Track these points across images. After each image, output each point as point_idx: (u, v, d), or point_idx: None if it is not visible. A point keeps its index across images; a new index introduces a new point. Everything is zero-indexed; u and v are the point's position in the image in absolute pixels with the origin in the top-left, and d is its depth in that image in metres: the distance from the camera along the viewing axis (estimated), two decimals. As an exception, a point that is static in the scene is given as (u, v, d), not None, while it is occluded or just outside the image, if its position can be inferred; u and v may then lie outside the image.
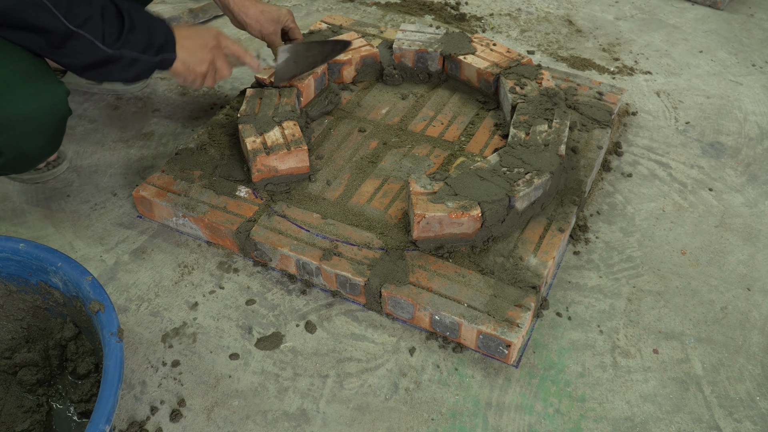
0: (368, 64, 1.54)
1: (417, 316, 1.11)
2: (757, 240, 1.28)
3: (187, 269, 1.23)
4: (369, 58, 1.54)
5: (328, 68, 1.50)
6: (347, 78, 1.54)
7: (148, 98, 1.63)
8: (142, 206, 1.31)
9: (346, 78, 1.54)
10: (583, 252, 1.26)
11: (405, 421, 1.01)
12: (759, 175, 1.42)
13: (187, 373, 1.07)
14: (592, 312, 1.16)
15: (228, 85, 1.67)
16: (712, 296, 1.19)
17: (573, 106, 1.46)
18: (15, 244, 0.98)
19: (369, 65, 1.55)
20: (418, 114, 1.48)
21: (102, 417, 0.79)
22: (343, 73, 1.53)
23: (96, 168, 1.44)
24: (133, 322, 1.14)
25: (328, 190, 1.29)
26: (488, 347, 1.07)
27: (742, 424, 1.00)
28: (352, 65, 1.52)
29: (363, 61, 1.53)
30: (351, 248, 1.17)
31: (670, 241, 1.28)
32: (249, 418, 1.01)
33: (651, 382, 1.06)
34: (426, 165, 1.35)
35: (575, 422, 1.01)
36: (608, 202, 1.36)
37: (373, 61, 1.55)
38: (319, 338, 1.11)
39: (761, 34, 1.89)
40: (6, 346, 1.03)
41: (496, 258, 1.15)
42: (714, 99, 1.64)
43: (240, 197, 1.26)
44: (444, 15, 1.97)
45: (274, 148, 1.25)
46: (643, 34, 1.88)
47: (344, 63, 1.51)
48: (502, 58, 1.50)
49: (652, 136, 1.52)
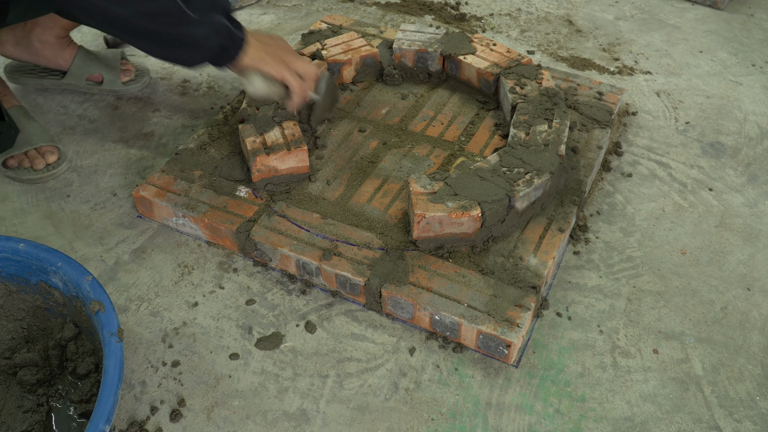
0: (368, 64, 1.54)
1: (417, 316, 1.11)
2: (757, 240, 1.28)
3: (187, 269, 1.23)
4: (369, 58, 1.54)
5: (329, 68, 1.50)
6: (347, 78, 1.54)
7: (148, 98, 1.63)
8: (142, 206, 1.31)
9: (345, 78, 1.54)
10: (583, 252, 1.26)
11: (405, 421, 1.01)
12: (759, 175, 1.42)
13: (187, 373, 1.07)
14: (592, 312, 1.16)
15: (228, 85, 1.67)
16: (712, 296, 1.19)
17: (573, 106, 1.46)
18: (15, 244, 0.98)
19: (369, 65, 1.55)
20: (418, 114, 1.48)
21: (102, 417, 0.79)
22: (343, 73, 1.53)
23: (96, 168, 1.44)
24: (133, 322, 1.14)
25: (328, 190, 1.29)
26: (488, 347, 1.07)
27: (742, 424, 1.00)
28: (352, 65, 1.53)
29: (363, 61, 1.53)
30: (351, 248, 1.17)
31: (670, 241, 1.28)
32: (249, 418, 1.01)
33: (651, 382, 1.06)
34: (426, 165, 1.35)
35: (575, 422, 1.01)
36: (608, 202, 1.36)
37: (373, 60, 1.55)
38: (319, 338, 1.11)
39: (761, 34, 1.89)
40: (6, 346, 1.04)
41: (496, 258, 1.15)
42: (714, 99, 1.64)
43: (240, 197, 1.27)
44: (444, 15, 1.97)
45: (274, 148, 1.25)
46: (643, 34, 1.88)
47: (344, 63, 1.51)
48: (502, 58, 1.50)
49: (652, 136, 1.52)
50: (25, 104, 1.55)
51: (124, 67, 1.62)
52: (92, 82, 1.60)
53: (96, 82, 1.60)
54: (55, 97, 1.61)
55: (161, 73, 1.70)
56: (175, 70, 1.71)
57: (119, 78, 1.60)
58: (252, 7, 1.99)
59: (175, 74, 1.71)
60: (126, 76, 1.61)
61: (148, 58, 1.68)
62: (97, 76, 1.59)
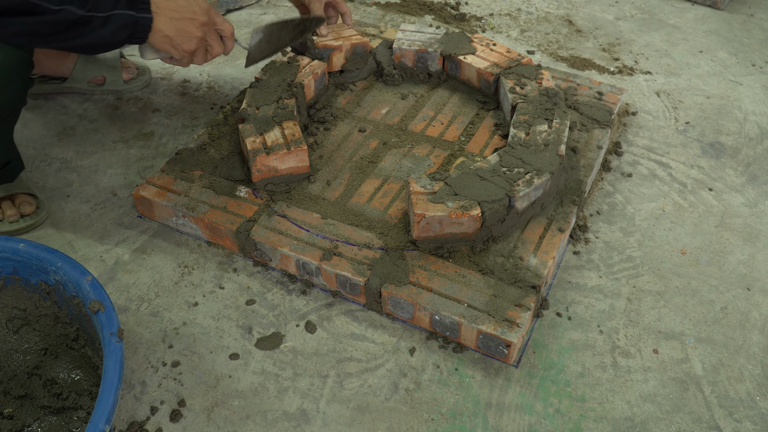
0: (358, 53, 1.53)
1: (417, 316, 1.11)
2: (757, 240, 1.28)
3: (187, 269, 1.23)
4: (359, 46, 1.53)
5: (320, 55, 1.49)
6: (336, 65, 1.53)
7: (148, 98, 1.63)
8: (142, 206, 1.31)
9: (335, 65, 1.53)
10: (583, 252, 1.26)
11: (405, 421, 1.01)
12: (759, 175, 1.42)
13: (187, 373, 1.07)
14: (592, 312, 1.16)
15: (228, 85, 1.67)
16: (712, 296, 1.19)
17: (573, 106, 1.46)
18: (15, 244, 0.98)
19: (359, 54, 1.54)
20: (418, 114, 1.48)
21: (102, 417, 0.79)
22: (332, 59, 1.51)
23: (96, 168, 1.44)
24: (133, 322, 1.14)
25: (328, 190, 1.29)
26: (488, 347, 1.07)
27: (742, 424, 1.00)
28: (342, 52, 1.51)
29: (353, 49, 1.53)
30: (351, 248, 1.17)
31: (670, 241, 1.28)
32: (249, 418, 1.01)
33: (651, 382, 1.06)
34: (426, 165, 1.35)
35: (575, 422, 1.01)
36: (608, 202, 1.36)
37: (362, 50, 1.54)
38: (319, 338, 1.11)
39: (761, 34, 1.89)
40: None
41: (496, 258, 1.15)
42: (714, 99, 1.64)
43: (240, 197, 1.27)
44: (444, 15, 1.97)
45: (274, 148, 1.25)
46: (643, 34, 1.88)
47: (334, 49, 1.50)
48: (502, 58, 1.50)
49: (652, 136, 1.52)
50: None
51: (124, 65, 1.62)
52: (94, 84, 1.60)
53: (98, 84, 1.60)
54: (55, 97, 1.61)
55: (161, 73, 1.71)
56: (175, 70, 1.72)
57: (121, 77, 1.60)
58: (252, 7, 1.99)
59: (175, 74, 1.71)
60: (128, 74, 1.62)
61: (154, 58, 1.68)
62: (98, 78, 1.59)
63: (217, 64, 1.74)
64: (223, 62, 1.75)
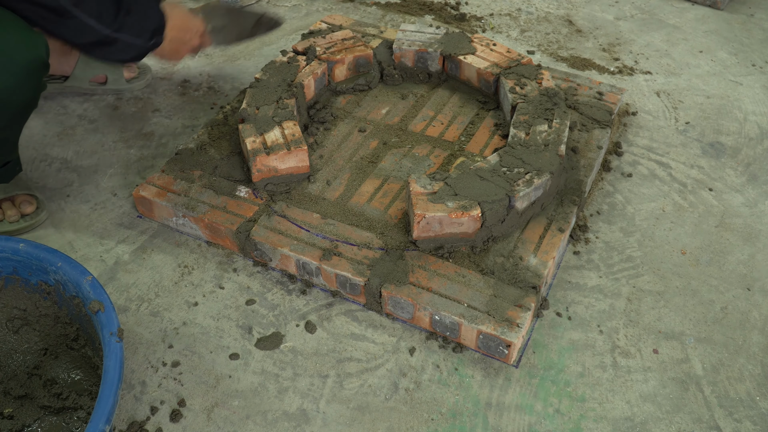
0: (361, 65, 1.53)
1: (417, 316, 1.11)
2: (757, 240, 1.28)
3: (187, 269, 1.23)
4: (362, 58, 1.52)
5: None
6: (339, 77, 1.52)
7: (148, 98, 1.63)
8: (142, 206, 1.31)
9: (338, 77, 1.52)
10: (583, 252, 1.26)
11: (405, 421, 1.01)
12: (759, 175, 1.42)
13: (187, 373, 1.07)
14: (592, 312, 1.16)
15: (228, 85, 1.67)
16: (712, 296, 1.19)
17: (573, 106, 1.46)
18: (15, 244, 0.98)
19: (362, 65, 1.53)
20: (418, 114, 1.48)
21: (102, 417, 0.79)
22: (335, 71, 1.51)
23: (96, 168, 1.44)
24: (133, 322, 1.14)
25: (328, 190, 1.29)
26: (488, 347, 1.07)
27: (742, 424, 1.00)
28: (344, 64, 1.51)
29: (356, 61, 1.52)
30: (351, 248, 1.17)
31: (670, 241, 1.28)
32: (249, 418, 1.01)
33: (651, 382, 1.06)
34: (426, 165, 1.35)
35: (575, 422, 1.01)
36: (608, 202, 1.36)
37: (366, 61, 1.53)
38: (319, 338, 1.11)
39: (761, 34, 1.89)
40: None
41: (496, 258, 1.15)
42: (714, 99, 1.64)
43: (240, 197, 1.26)
44: (444, 15, 1.97)
45: (274, 148, 1.25)
46: (643, 34, 1.88)
47: (336, 62, 1.50)
48: (502, 58, 1.50)
49: (652, 136, 1.52)
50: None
51: (126, 64, 1.62)
52: (95, 83, 1.60)
53: (99, 83, 1.60)
54: (56, 97, 1.61)
55: (161, 73, 1.70)
56: (175, 70, 1.72)
57: (123, 76, 1.60)
58: (252, 8, 1.99)
59: (175, 74, 1.71)
60: (130, 73, 1.62)
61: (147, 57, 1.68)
62: (100, 77, 1.59)
63: (217, 64, 1.74)
64: (224, 62, 1.75)
